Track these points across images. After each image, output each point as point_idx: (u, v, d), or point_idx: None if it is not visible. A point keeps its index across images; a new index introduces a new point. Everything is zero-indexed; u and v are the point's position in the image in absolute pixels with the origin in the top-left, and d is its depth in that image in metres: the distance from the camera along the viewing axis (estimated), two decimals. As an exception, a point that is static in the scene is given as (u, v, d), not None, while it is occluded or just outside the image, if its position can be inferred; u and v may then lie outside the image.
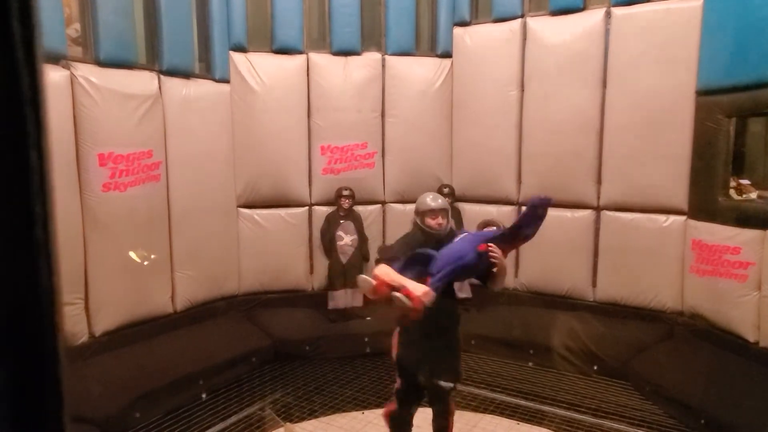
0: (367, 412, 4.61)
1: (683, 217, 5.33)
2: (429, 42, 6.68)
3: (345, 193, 6.10)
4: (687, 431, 4.21)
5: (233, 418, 4.43)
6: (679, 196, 5.33)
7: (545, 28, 5.91)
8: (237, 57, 5.99)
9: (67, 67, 4.44)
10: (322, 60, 6.24)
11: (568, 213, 5.97)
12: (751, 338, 4.61)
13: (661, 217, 5.46)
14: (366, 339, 5.76)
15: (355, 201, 6.19)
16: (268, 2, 6.04)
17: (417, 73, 6.48)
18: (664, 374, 4.70)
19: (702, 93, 5.07)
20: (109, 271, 4.82)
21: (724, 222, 4.84)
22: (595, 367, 5.20)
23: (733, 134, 4.91)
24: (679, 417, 4.32)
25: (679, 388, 4.44)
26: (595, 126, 5.71)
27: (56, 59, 4.39)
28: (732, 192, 4.96)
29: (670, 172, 5.34)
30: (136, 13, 5.16)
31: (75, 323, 4.58)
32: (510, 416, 4.51)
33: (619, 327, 5.56)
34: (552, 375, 5.25)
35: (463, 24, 6.43)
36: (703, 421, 4.07)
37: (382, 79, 6.41)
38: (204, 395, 4.79)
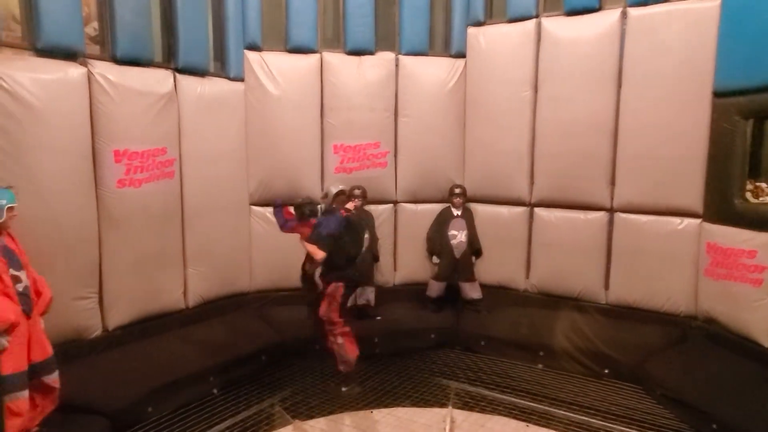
0: (375, 411, 4.62)
1: (698, 220, 5.27)
2: (443, 42, 6.67)
3: (356, 192, 6.10)
4: (698, 436, 4.17)
5: (243, 415, 4.46)
6: (694, 198, 5.27)
7: (560, 28, 5.87)
8: (251, 56, 6.03)
9: (84, 64, 4.51)
10: (335, 59, 6.26)
11: (580, 214, 5.93)
12: (766, 343, 4.54)
13: (676, 220, 5.40)
14: (376, 339, 5.76)
15: (367, 200, 6.20)
16: (283, 1, 6.08)
17: (430, 73, 6.47)
18: (676, 378, 4.65)
19: (719, 94, 5.00)
20: (123, 266, 4.88)
21: (740, 225, 4.77)
22: (606, 370, 5.16)
23: (750, 136, 4.84)
24: (691, 422, 4.28)
25: (691, 392, 4.39)
26: (609, 127, 5.66)
27: (74, 57, 4.46)
28: (748, 195, 4.90)
29: (685, 174, 5.28)
30: (153, 12, 5.22)
31: (89, 317, 4.64)
32: (519, 417, 4.49)
33: (631, 330, 5.51)
34: (562, 377, 5.22)
35: (478, 24, 6.42)
36: (714, 426, 4.02)
37: (395, 78, 6.41)
38: (215, 391, 4.83)
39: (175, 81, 5.22)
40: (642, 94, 5.44)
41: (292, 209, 5.10)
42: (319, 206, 5.03)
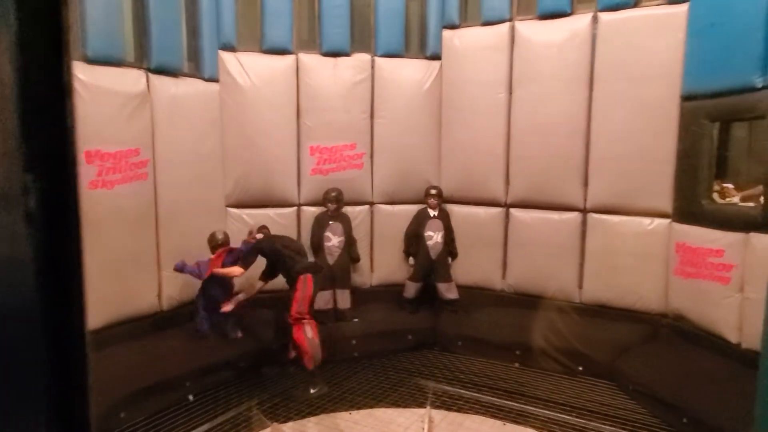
0: (354, 413, 4.62)
1: (668, 220, 5.41)
2: (418, 44, 6.71)
3: (331, 195, 6.08)
4: (670, 430, 4.27)
5: (220, 419, 4.41)
6: (664, 199, 5.40)
7: (533, 32, 5.97)
8: (226, 56, 5.97)
9: (54, 63, 4.41)
10: (311, 60, 6.24)
11: (555, 215, 6.03)
12: (733, 339, 4.68)
13: (646, 220, 5.53)
14: (353, 341, 5.75)
15: (344, 202, 6.19)
16: (258, 2, 6.04)
17: (406, 74, 6.51)
18: (648, 374, 4.76)
19: (687, 98, 5.14)
20: (95, 270, 4.77)
21: (708, 225, 4.91)
22: (581, 368, 5.25)
23: (717, 139, 5.00)
24: (662, 416, 4.38)
25: (663, 388, 4.50)
26: (581, 129, 5.78)
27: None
28: (715, 195, 5.04)
29: (655, 176, 5.41)
30: (125, 11, 5.13)
31: (60, 322, 4.53)
32: (496, 416, 4.54)
33: (604, 328, 5.62)
34: (538, 375, 5.29)
35: (452, 27, 6.47)
36: (685, 420, 4.13)
37: (371, 80, 6.43)
38: (191, 396, 4.75)
39: (148, 81, 5.14)
40: (613, 97, 5.57)
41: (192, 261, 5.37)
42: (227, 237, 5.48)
